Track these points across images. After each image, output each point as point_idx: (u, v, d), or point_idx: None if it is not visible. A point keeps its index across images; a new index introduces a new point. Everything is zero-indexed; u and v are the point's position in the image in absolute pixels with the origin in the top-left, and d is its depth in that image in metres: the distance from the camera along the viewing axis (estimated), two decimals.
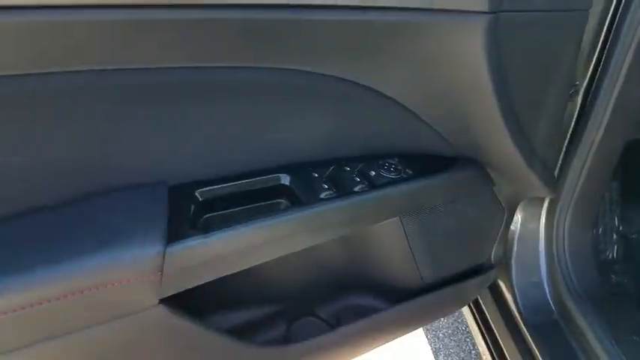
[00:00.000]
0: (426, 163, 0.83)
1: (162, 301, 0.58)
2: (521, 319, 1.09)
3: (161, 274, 0.55)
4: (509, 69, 0.69)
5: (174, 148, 0.64)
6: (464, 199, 0.87)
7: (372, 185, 0.75)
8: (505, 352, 1.13)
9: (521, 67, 0.72)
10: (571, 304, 1.06)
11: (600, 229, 1.33)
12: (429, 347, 1.58)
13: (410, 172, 0.79)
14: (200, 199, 0.66)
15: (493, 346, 1.17)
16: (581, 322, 1.04)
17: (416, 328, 0.99)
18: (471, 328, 1.28)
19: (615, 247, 1.33)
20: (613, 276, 1.28)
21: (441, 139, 0.81)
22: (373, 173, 0.77)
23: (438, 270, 0.90)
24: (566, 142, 0.95)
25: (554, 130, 0.87)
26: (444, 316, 1.53)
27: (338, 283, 0.92)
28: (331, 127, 0.74)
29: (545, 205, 1.07)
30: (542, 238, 1.09)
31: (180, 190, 0.65)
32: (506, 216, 0.95)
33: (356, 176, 0.75)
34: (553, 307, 1.09)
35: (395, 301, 0.92)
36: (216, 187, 0.68)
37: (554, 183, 0.90)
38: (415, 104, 0.75)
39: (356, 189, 0.73)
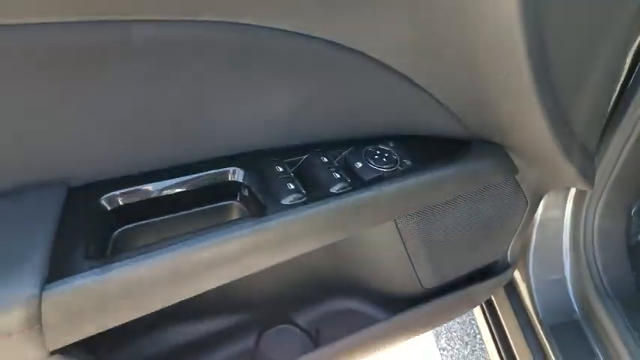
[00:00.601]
0: (430, 150, 0.64)
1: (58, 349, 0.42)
2: (536, 318, 0.94)
3: (39, 326, 0.39)
4: (548, 22, 0.49)
5: (77, 133, 0.46)
6: (478, 192, 0.69)
7: (358, 182, 0.57)
8: (515, 352, 0.99)
9: (566, 19, 0.52)
10: (597, 304, 0.90)
11: (633, 210, 1.15)
12: (430, 330, 1.45)
13: (409, 162, 0.61)
14: (109, 207, 0.49)
15: (502, 344, 1.03)
16: (607, 323, 0.89)
17: (415, 336, 0.84)
18: (478, 321, 1.14)
19: None
20: None
21: (451, 118, 0.62)
22: (359, 165, 0.59)
23: (441, 275, 0.74)
24: (607, 116, 0.76)
25: (600, 106, 0.67)
26: (448, 321, 1.38)
27: (319, 286, 0.76)
28: (301, 101, 0.55)
29: (573, 190, 0.89)
30: (567, 229, 0.92)
31: (85, 195, 0.48)
32: (528, 209, 0.77)
33: (335, 170, 0.57)
34: (575, 307, 0.94)
35: (388, 306, 0.77)
36: (136, 187, 0.50)
37: (594, 173, 0.71)
38: (418, 72, 0.56)
39: (334, 189, 0.55)
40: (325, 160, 0.58)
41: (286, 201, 0.52)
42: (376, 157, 0.60)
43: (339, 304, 0.78)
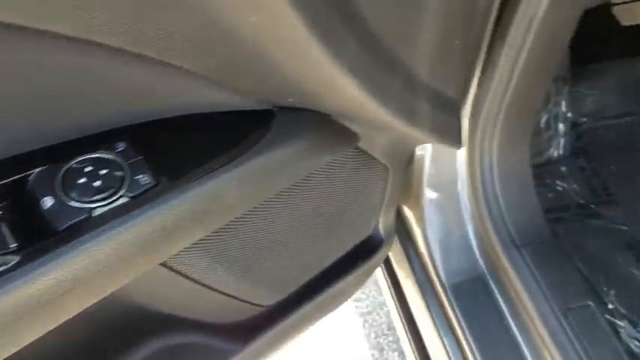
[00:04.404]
0: (208, 137, 0.40)
1: None
2: (436, 277, 0.79)
3: None
4: None
5: None
6: (305, 179, 0.46)
7: (49, 237, 0.32)
8: (414, 316, 0.85)
9: None
10: (502, 255, 0.75)
11: (543, 120, 0.97)
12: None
13: (146, 178, 0.36)
14: None
15: (402, 310, 0.88)
16: (514, 277, 0.74)
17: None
18: (380, 285, 0.99)
19: (562, 141, 0.99)
20: (559, 182, 0.96)
21: (210, 85, 0.37)
22: (49, 203, 0.33)
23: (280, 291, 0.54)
24: (490, 22, 0.53)
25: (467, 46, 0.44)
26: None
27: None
28: None
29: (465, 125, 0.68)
30: (461, 176, 0.73)
31: None
32: (391, 175, 0.56)
33: None
34: (481, 262, 0.78)
35: (230, 332, 0.57)
36: None
37: (459, 129, 0.50)
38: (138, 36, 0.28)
39: None
40: None
41: None
42: (85, 179, 0.34)
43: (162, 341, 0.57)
